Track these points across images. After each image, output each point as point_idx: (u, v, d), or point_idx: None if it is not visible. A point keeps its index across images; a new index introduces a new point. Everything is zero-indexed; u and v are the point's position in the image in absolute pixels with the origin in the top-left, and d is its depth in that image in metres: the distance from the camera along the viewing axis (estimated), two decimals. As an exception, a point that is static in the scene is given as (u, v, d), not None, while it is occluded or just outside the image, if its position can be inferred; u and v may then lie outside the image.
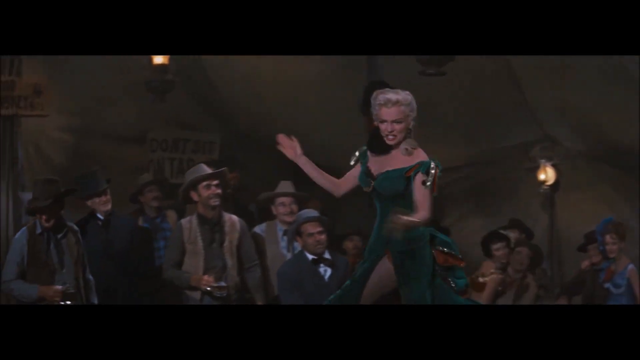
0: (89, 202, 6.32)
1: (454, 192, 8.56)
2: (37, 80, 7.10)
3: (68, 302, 5.54)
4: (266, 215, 6.78)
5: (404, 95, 4.26)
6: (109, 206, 6.32)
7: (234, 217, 6.18)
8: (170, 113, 8.14)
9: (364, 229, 6.23)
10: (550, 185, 8.30)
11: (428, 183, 4.14)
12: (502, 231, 7.05)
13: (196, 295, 5.88)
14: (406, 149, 4.24)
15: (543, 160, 8.20)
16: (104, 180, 6.37)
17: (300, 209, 6.30)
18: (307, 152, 4.31)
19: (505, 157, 8.42)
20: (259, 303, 5.99)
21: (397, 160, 4.26)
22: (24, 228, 5.79)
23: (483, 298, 6.40)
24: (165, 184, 7.66)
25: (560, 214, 8.39)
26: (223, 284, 5.77)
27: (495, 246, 6.80)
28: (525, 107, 7.26)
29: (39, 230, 5.64)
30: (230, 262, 6.03)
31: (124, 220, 6.61)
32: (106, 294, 5.93)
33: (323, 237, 5.93)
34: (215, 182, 5.98)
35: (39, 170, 7.33)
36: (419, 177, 4.15)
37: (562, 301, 6.90)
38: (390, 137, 4.23)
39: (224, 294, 5.79)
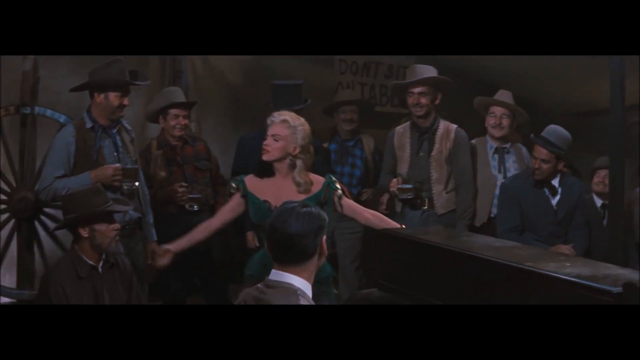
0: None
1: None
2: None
3: (128, 184, 4.84)
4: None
5: (294, 118, 4.43)
6: None
7: (452, 126, 5.63)
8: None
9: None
10: None
11: (342, 193, 4.49)
12: None
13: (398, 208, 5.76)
14: (299, 183, 4.42)
15: None
16: (302, 98, 5.76)
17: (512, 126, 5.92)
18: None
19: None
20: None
21: (293, 190, 4.41)
22: (69, 124, 5.05)
23: None
24: (367, 106, 6.79)
25: None
26: (409, 185, 5.47)
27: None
28: None
29: (89, 125, 4.90)
30: (436, 174, 5.61)
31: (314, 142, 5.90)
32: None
33: (546, 166, 5.36)
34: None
35: (207, 87, 6.76)
36: (345, 200, 4.50)
37: None
38: (265, 151, 4.39)
39: (410, 196, 5.51)
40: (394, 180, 5.58)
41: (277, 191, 4.41)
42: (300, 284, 2.86)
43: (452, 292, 4.03)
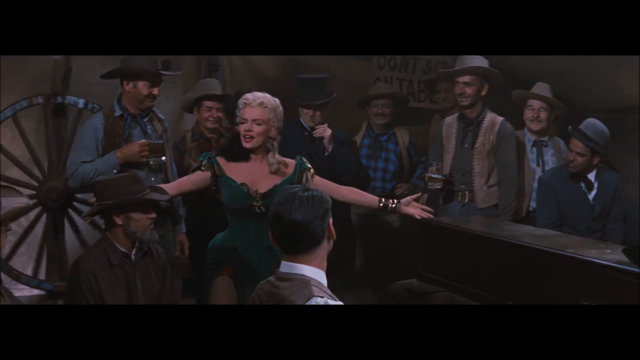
0: (300, 107, 5.70)
1: None
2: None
3: (155, 159, 4.76)
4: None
5: (270, 99, 4.33)
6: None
7: (498, 118, 5.57)
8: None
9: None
10: None
11: (313, 172, 4.43)
12: None
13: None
14: (271, 164, 4.33)
15: None
16: (327, 91, 5.70)
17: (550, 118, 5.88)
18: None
19: None
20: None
21: (270, 174, 4.34)
22: (98, 112, 5.00)
23: None
24: (400, 100, 6.68)
25: None
26: (439, 176, 5.41)
27: None
28: None
29: (118, 113, 4.84)
30: (478, 166, 5.55)
31: (341, 134, 5.89)
32: None
33: (581, 159, 5.28)
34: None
35: (244, 80, 6.70)
36: (316, 178, 4.42)
37: None
38: (247, 137, 4.29)
39: (438, 186, 5.45)
40: (431, 168, 5.51)
41: (253, 174, 4.34)
42: (313, 274, 2.79)
43: (493, 281, 3.96)
